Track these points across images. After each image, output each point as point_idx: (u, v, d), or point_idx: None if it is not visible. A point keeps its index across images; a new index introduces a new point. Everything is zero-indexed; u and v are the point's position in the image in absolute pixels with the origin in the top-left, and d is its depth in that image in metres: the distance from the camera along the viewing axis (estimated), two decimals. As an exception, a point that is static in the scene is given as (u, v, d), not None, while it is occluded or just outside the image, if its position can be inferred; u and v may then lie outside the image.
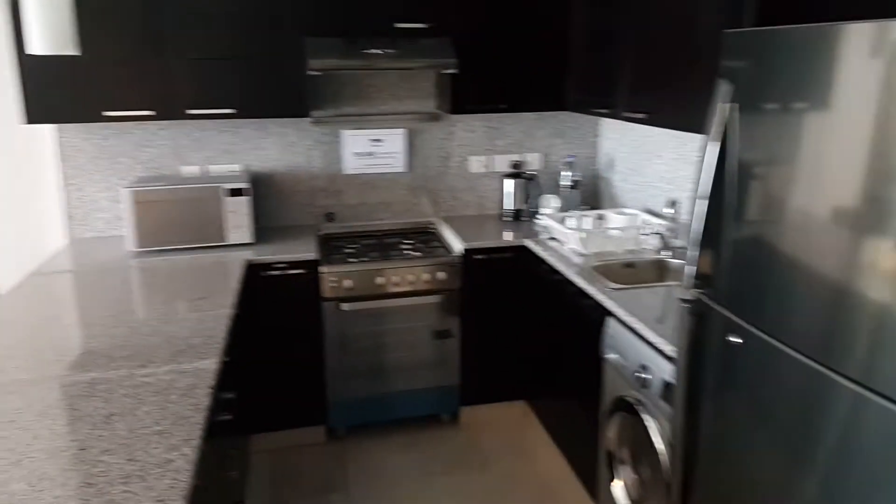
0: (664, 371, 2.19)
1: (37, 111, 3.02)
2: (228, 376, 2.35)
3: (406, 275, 3.31)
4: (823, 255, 1.44)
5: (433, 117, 3.81)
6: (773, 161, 1.57)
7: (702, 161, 1.75)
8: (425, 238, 3.72)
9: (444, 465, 3.27)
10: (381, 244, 3.61)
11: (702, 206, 1.76)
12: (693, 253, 1.80)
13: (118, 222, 3.54)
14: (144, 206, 3.14)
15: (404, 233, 3.83)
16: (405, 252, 3.46)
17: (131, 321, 2.33)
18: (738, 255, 1.72)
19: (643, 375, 2.32)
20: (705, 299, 1.85)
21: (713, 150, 1.72)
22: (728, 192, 1.73)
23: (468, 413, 3.63)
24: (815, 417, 1.48)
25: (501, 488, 3.10)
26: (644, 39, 2.81)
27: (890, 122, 1.26)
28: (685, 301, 1.88)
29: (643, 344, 2.35)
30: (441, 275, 3.35)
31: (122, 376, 1.90)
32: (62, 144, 3.41)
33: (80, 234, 3.52)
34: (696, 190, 1.77)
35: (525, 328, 3.52)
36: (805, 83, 1.45)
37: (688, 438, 1.98)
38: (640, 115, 2.82)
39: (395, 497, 3.04)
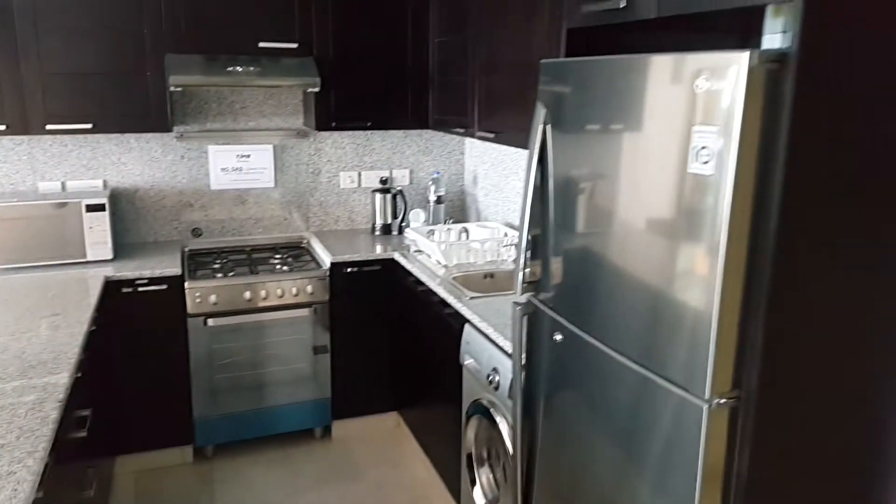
0: (511, 373, 2.37)
1: None
2: (83, 393, 2.34)
3: (274, 289, 3.37)
4: (629, 258, 1.65)
5: (300, 133, 3.90)
6: (581, 175, 1.78)
7: (528, 183, 1.95)
8: (296, 253, 3.79)
9: (316, 480, 3.33)
10: (251, 259, 3.65)
11: (525, 218, 1.96)
12: (521, 259, 1.99)
13: (-31, 240, 3.41)
14: (0, 221, 3.06)
15: (275, 248, 3.88)
16: (274, 266, 3.51)
17: (-21, 339, 2.29)
18: (558, 261, 1.92)
19: (495, 378, 2.50)
20: (535, 301, 2.05)
21: (532, 167, 1.92)
22: (549, 204, 1.93)
23: (341, 427, 3.71)
24: (633, 411, 1.68)
25: (372, 498, 3.19)
26: (492, 65, 3.02)
27: (685, 140, 1.48)
28: (517, 304, 2.07)
29: (494, 348, 2.52)
30: (310, 288, 3.43)
31: (-35, 393, 1.88)
32: None
33: (-74, 252, 3.37)
34: (522, 203, 1.96)
35: (395, 339, 3.65)
36: (607, 106, 1.67)
37: (526, 434, 2.16)
38: (490, 135, 3.03)
39: (262, 508, 3.08)
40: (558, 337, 1.94)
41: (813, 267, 1.42)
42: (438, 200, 3.99)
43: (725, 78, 1.34)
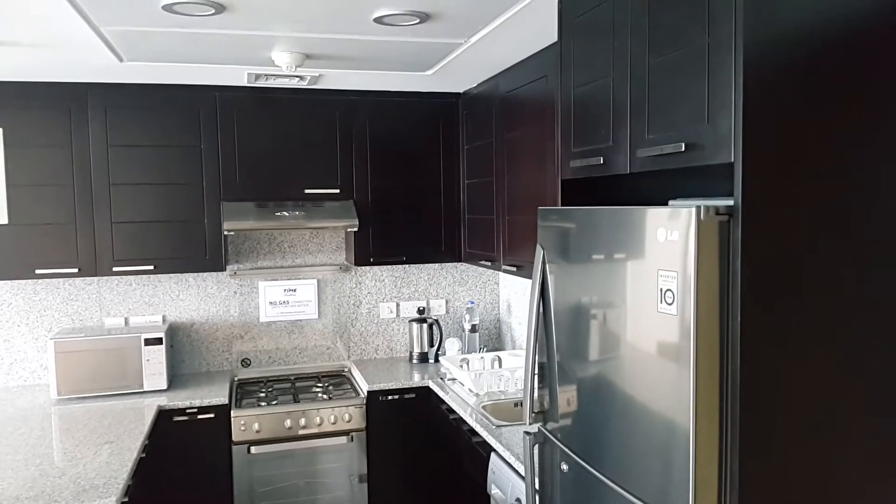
0: None
1: (-31, 271, 3.32)
2: (131, 516, 2.53)
3: (314, 417, 3.56)
4: (623, 391, 1.80)
5: (342, 268, 4.21)
6: (575, 309, 1.96)
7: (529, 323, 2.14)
8: (337, 381, 3.99)
9: None
10: (294, 388, 3.86)
11: (531, 348, 2.13)
12: (528, 389, 2.14)
13: (44, 371, 3.74)
14: (67, 355, 3.37)
15: (318, 376, 4.10)
16: (316, 395, 3.72)
17: (42, 464, 2.52)
18: (562, 390, 2.07)
19: (517, 506, 2.58)
20: (544, 430, 2.18)
21: (534, 301, 2.11)
22: (552, 334, 2.11)
23: (379, 553, 3.77)
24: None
25: None
26: (513, 204, 3.29)
27: (654, 282, 1.66)
28: (528, 433, 2.20)
29: (517, 477, 2.60)
30: (347, 416, 3.60)
31: (25, 515, 2.10)
32: (-8, 300, 3.68)
33: (6, 382, 3.71)
34: (528, 335, 2.14)
35: (430, 467, 3.75)
36: (590, 247, 1.87)
37: (541, 557, 2.23)
38: (513, 268, 3.25)
39: None
40: (564, 467, 2.05)
41: (781, 389, 1.54)
42: (473, 329, 4.18)
43: (678, 230, 1.53)
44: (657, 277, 1.61)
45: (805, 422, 1.58)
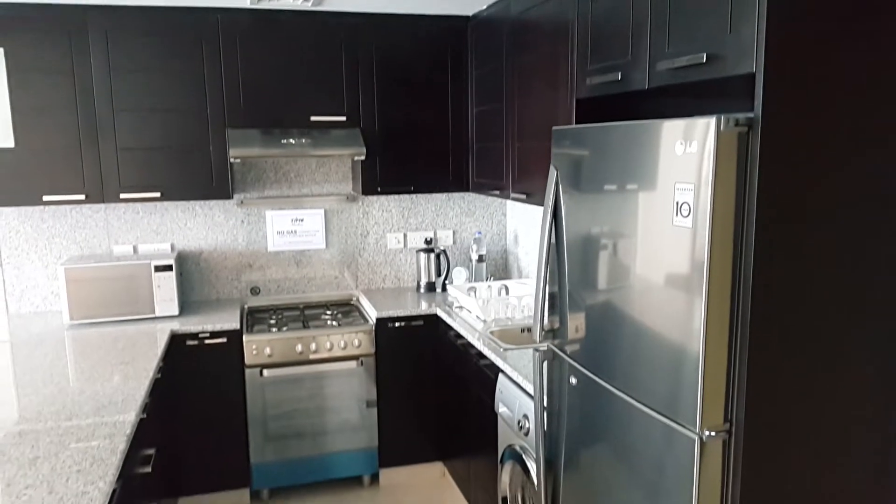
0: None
1: (-23, 196, 3.32)
2: (148, 433, 2.60)
3: (324, 342, 3.61)
4: (631, 305, 1.82)
5: (349, 198, 4.20)
6: (588, 229, 1.96)
7: (542, 238, 2.14)
8: (346, 309, 4.03)
9: (360, 521, 3.49)
10: (304, 316, 3.91)
11: (542, 271, 2.14)
12: (538, 308, 2.16)
13: (54, 298, 3.78)
14: (78, 282, 3.40)
15: (326, 305, 4.14)
16: (325, 322, 3.76)
17: (60, 382, 2.57)
18: (572, 310, 2.09)
19: (525, 424, 2.64)
20: (553, 348, 2.21)
21: (547, 223, 2.12)
22: (563, 255, 2.12)
23: (388, 475, 3.87)
24: (635, 444, 1.82)
25: (411, 539, 3.33)
26: (523, 131, 3.26)
27: (671, 196, 1.66)
28: (537, 350, 2.24)
29: (524, 395, 2.67)
30: (357, 341, 3.66)
31: (48, 427, 2.15)
32: (0, 227, 3.67)
33: (18, 309, 3.75)
34: (539, 260, 2.16)
35: (438, 391, 3.83)
36: (606, 167, 1.86)
37: (550, 471, 2.30)
38: (523, 196, 3.24)
39: (310, 550, 3.24)
40: (573, 380, 2.09)
41: (790, 303, 1.56)
42: (480, 259, 4.20)
43: (697, 141, 1.52)
44: (673, 191, 1.61)
45: (815, 336, 1.60)
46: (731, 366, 1.58)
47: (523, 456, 2.66)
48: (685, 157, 1.56)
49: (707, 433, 1.59)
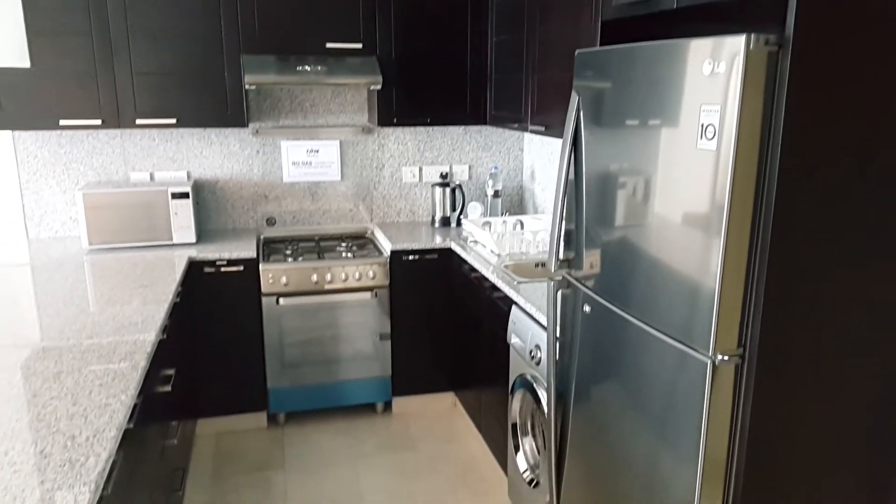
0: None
1: (-6, 119, 3.31)
2: (167, 354, 2.65)
3: (339, 273, 3.64)
4: (650, 232, 1.81)
5: (365, 130, 4.16)
6: (609, 160, 1.94)
7: (561, 165, 2.12)
8: (361, 242, 4.05)
9: (376, 448, 3.58)
10: (319, 247, 3.93)
11: (559, 201, 2.13)
12: (554, 238, 2.16)
13: (73, 223, 3.81)
14: (96, 207, 3.42)
15: (341, 237, 4.15)
16: (340, 253, 3.78)
17: (80, 303, 2.61)
18: (589, 240, 2.08)
19: (536, 354, 2.67)
20: (568, 277, 2.22)
21: (565, 156, 2.09)
22: (581, 188, 2.10)
23: (401, 403, 3.95)
24: (647, 369, 1.84)
25: (426, 467, 3.41)
26: (543, 60, 3.20)
27: (696, 118, 1.63)
28: (552, 280, 2.24)
29: (537, 326, 2.69)
30: (371, 273, 3.68)
31: (71, 345, 2.19)
32: (18, 151, 3.68)
33: (38, 234, 3.79)
34: (557, 189, 2.14)
35: (451, 323, 3.86)
36: (631, 92, 1.83)
37: (560, 398, 2.33)
38: (541, 128, 3.20)
39: (328, 473, 3.34)
40: (587, 308, 2.10)
41: (810, 232, 1.55)
42: (496, 194, 4.18)
43: (725, 61, 1.49)
44: (699, 113, 1.58)
45: (834, 263, 1.59)
46: (748, 291, 1.58)
47: (534, 385, 2.70)
48: (712, 78, 1.53)
49: (720, 357, 1.59)
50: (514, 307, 2.91)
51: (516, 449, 2.88)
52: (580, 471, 2.24)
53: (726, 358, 1.60)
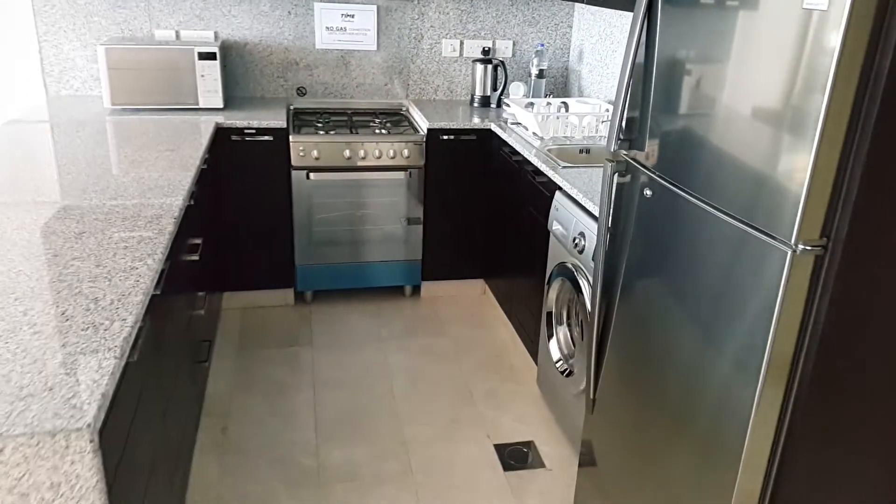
0: (597, 236, 2.39)
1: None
2: (195, 222, 2.53)
3: (372, 149, 3.46)
4: (730, 110, 1.61)
5: (406, -4, 3.87)
6: (686, 49, 1.71)
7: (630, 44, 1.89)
8: (395, 119, 3.84)
9: (403, 331, 3.52)
10: (351, 121, 3.73)
11: (624, 86, 1.92)
12: (617, 118, 1.96)
13: (94, 82, 3.63)
14: (119, 64, 3.22)
15: (375, 112, 3.94)
16: (374, 129, 3.59)
17: (104, 164, 2.48)
18: (654, 123, 1.88)
19: (580, 242, 2.53)
20: (627, 158, 2.03)
21: (635, 36, 1.86)
22: (650, 70, 1.88)
23: (429, 287, 3.86)
24: (717, 259, 1.68)
25: (452, 351, 3.36)
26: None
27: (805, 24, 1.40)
28: (609, 160, 2.06)
29: (582, 213, 2.54)
30: (406, 151, 3.50)
31: (94, 205, 2.07)
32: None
33: (57, 91, 3.62)
34: (622, 70, 1.92)
35: (486, 208, 3.71)
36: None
37: (606, 289, 2.20)
38: (601, -2, 2.92)
39: (356, 352, 3.29)
40: (648, 192, 1.93)
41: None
42: (540, 74, 3.91)
43: None
44: (812, -32, 1.34)
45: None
46: (841, 175, 1.39)
47: (575, 273, 2.57)
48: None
49: (801, 247, 1.43)
50: (557, 193, 2.74)
51: (549, 336, 2.79)
52: (620, 362, 2.14)
53: (808, 248, 1.44)
